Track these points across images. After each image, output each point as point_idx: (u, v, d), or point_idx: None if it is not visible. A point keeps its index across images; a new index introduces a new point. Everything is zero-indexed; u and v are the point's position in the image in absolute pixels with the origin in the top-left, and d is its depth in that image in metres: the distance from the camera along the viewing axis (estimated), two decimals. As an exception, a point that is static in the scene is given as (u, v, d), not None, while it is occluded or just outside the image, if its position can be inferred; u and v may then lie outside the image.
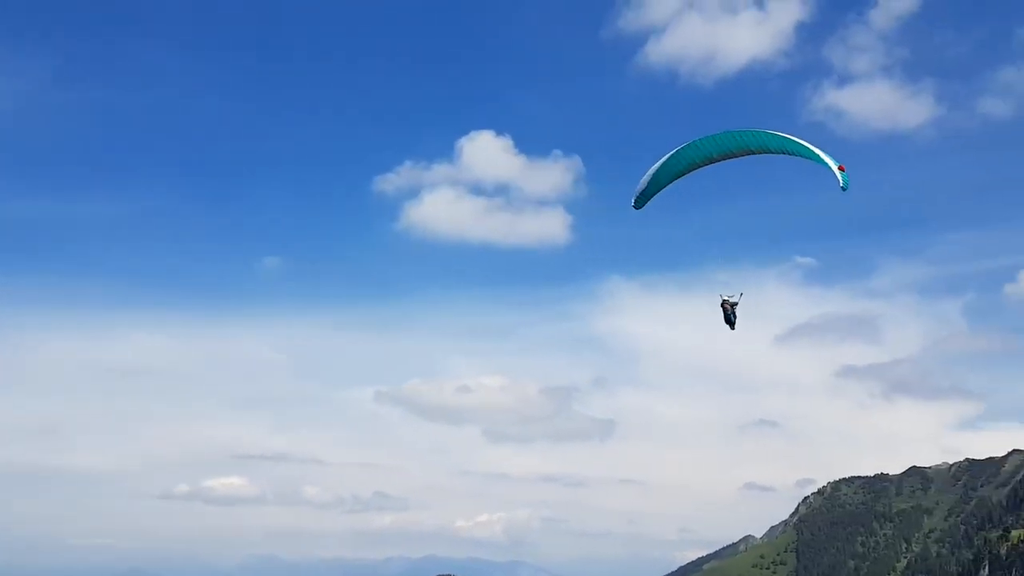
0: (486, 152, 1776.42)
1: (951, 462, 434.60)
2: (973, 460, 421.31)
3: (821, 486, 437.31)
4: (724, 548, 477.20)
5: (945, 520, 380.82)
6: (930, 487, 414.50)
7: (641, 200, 49.79)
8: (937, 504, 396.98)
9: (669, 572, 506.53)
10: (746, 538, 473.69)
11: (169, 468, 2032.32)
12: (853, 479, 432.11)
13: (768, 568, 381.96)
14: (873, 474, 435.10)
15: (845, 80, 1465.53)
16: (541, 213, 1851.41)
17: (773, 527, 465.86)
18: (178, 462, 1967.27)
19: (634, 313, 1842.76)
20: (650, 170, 48.62)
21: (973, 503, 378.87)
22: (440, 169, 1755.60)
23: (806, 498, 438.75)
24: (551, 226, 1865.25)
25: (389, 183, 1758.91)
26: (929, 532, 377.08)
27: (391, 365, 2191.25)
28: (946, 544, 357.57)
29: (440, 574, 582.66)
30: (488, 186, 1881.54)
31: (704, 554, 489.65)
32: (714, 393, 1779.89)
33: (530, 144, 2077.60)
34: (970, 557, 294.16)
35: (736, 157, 47.07)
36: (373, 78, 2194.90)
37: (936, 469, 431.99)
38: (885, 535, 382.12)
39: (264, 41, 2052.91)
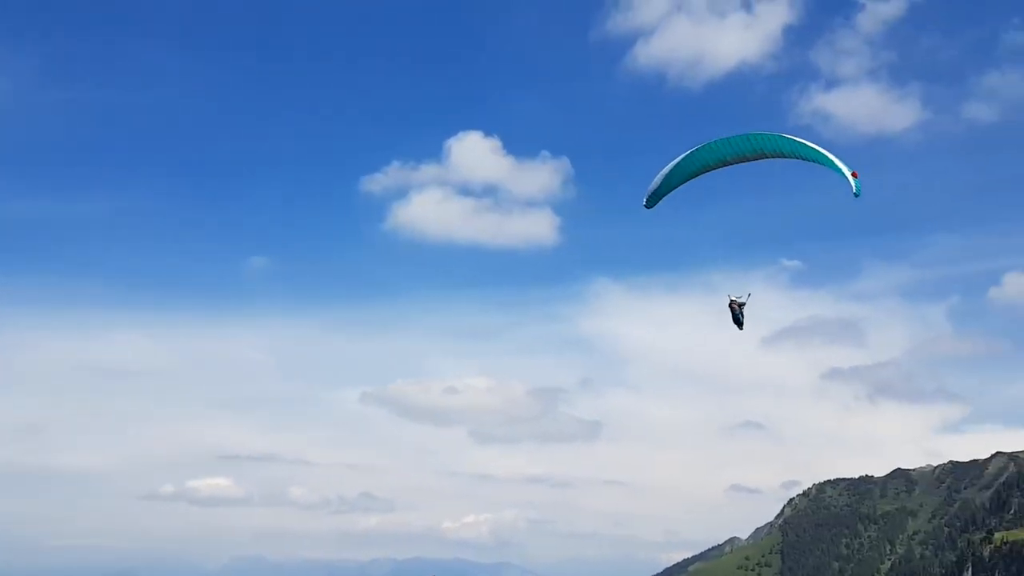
0: (474, 153, 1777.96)
1: (935, 464, 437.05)
2: (957, 462, 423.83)
3: (806, 488, 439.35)
4: (710, 550, 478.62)
5: (929, 522, 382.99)
6: (914, 489, 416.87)
7: (653, 199, 49.80)
8: (921, 506, 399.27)
9: (655, 574, 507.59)
10: (731, 539, 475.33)
11: (154, 468, 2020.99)
12: (838, 481, 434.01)
13: (753, 570, 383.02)
14: (858, 476, 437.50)
15: (832, 83, 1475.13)
16: (529, 214, 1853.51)
17: (758, 529, 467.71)
18: (163, 462, 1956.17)
19: (621, 315, 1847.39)
20: (663, 170, 48.63)
21: (957, 505, 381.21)
22: (428, 169, 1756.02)
23: (791, 500, 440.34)
24: (539, 227, 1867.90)
25: (377, 183, 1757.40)
26: (913, 534, 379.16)
27: (378, 366, 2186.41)
28: (930, 546, 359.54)
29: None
30: (476, 187, 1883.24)
31: (690, 555, 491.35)
32: (700, 395, 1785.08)
33: (518, 145, 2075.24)
34: (953, 559, 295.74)
35: (749, 161, 46.99)
36: (361, 78, 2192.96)
37: (920, 471, 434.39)
38: (869, 537, 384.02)
39: (253, 41, 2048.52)
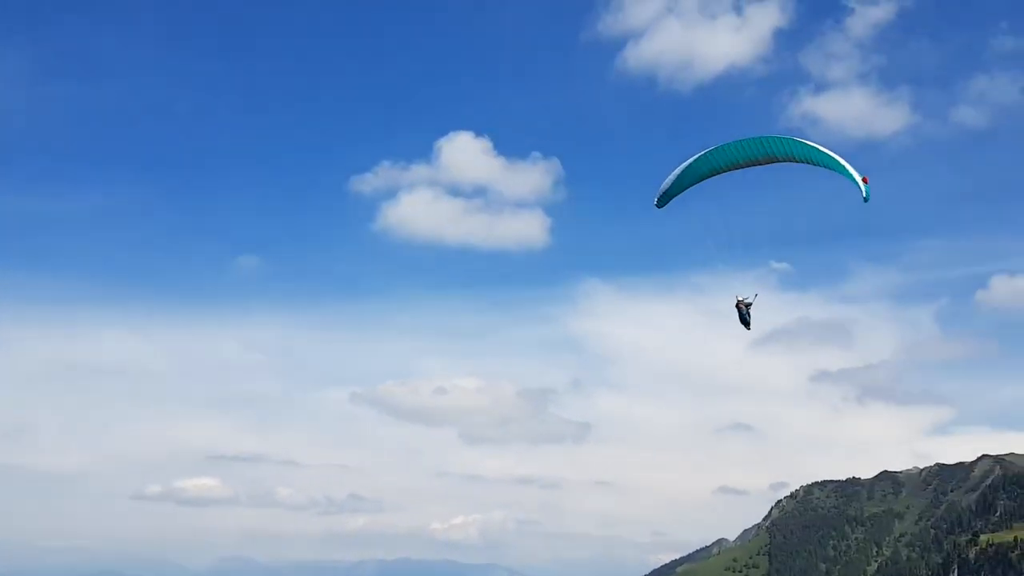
0: (465, 153, 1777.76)
1: (922, 467, 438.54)
2: (943, 465, 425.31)
3: (794, 490, 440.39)
4: (697, 551, 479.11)
5: (916, 524, 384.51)
6: (901, 491, 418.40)
7: (664, 199, 50.13)
8: (908, 508, 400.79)
9: (643, 575, 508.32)
10: (719, 541, 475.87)
11: (141, 468, 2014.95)
12: (825, 483, 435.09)
13: (740, 571, 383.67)
14: (845, 478, 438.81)
15: (822, 87, 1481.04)
16: (519, 215, 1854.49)
17: (746, 530, 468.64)
18: (150, 462, 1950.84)
19: (611, 316, 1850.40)
20: (676, 170, 48.87)
21: (943, 507, 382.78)
22: (418, 170, 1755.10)
23: (779, 501, 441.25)
24: (529, 228, 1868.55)
25: (367, 183, 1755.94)
26: (900, 536, 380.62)
27: (367, 366, 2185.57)
28: (916, 548, 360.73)
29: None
30: (466, 187, 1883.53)
31: (677, 556, 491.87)
32: (689, 396, 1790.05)
33: (509, 146, 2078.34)
34: (939, 561, 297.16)
35: (760, 164, 47.24)
36: (351, 77, 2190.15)
37: (907, 474, 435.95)
38: (856, 539, 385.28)
39: (243, 39, 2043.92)
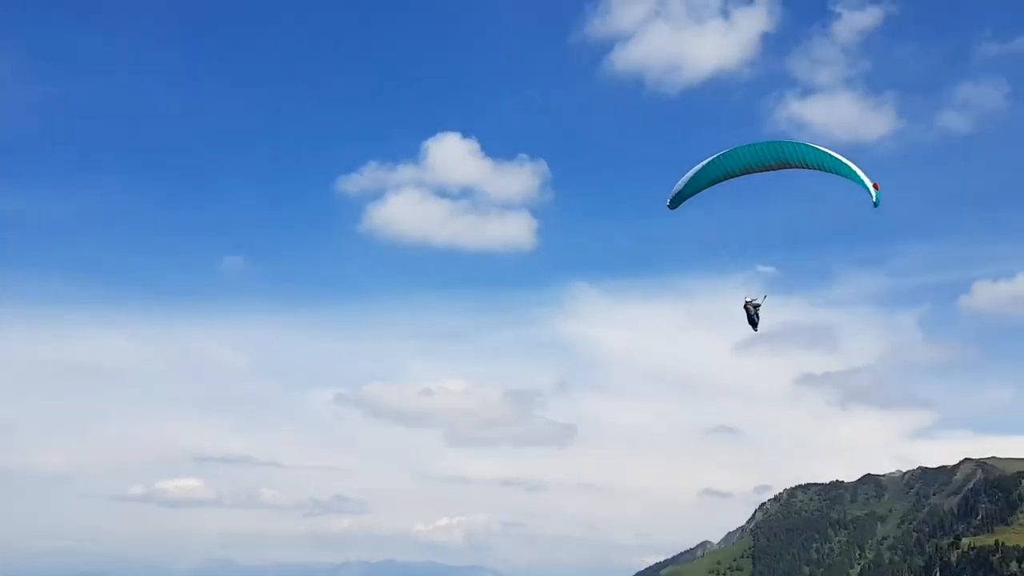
0: (452, 154, 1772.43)
1: (904, 470, 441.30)
2: (926, 468, 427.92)
3: (778, 493, 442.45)
4: (682, 554, 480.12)
5: (898, 527, 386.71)
6: (884, 495, 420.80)
7: (676, 201, 50.71)
8: (890, 511, 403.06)
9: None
10: (703, 543, 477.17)
11: (123, 469, 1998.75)
12: (809, 486, 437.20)
13: (724, 574, 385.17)
14: (828, 481, 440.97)
15: (808, 91, 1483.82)
16: (507, 217, 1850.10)
17: (730, 533, 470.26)
18: (133, 463, 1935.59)
19: (597, 318, 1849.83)
20: (688, 173, 49.48)
21: (925, 511, 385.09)
22: (405, 170, 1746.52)
23: (763, 504, 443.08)
24: (516, 230, 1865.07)
25: (353, 183, 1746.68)
26: (882, 539, 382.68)
27: (352, 367, 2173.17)
28: (898, 551, 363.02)
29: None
30: (454, 188, 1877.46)
31: (662, 559, 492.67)
32: (675, 399, 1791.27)
33: (497, 147, 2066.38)
34: (921, 564, 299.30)
35: (772, 170, 47.94)
36: (338, 77, 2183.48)
37: (890, 477, 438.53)
38: (839, 542, 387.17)
39: (230, 38, 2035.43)
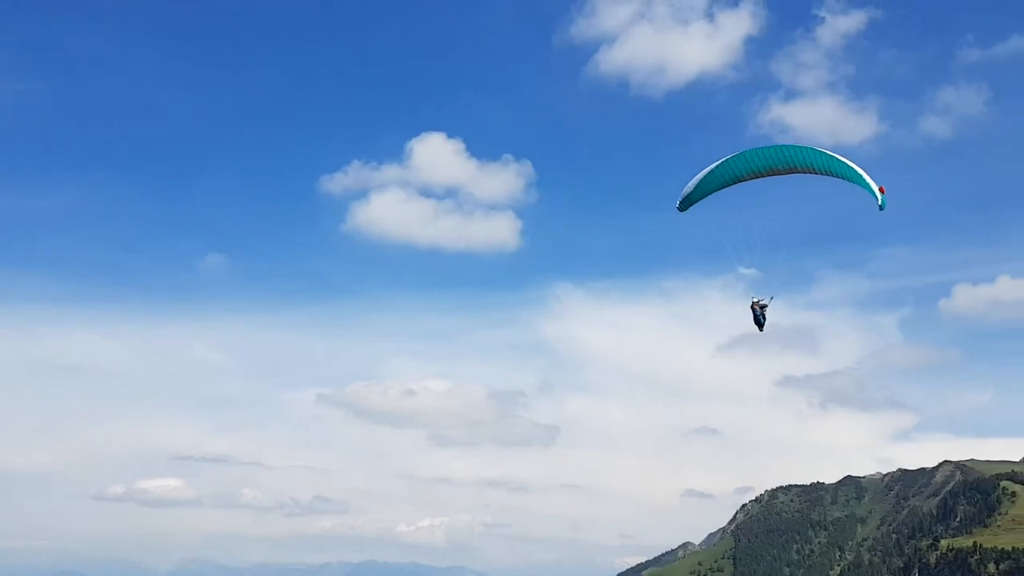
0: (437, 154, 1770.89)
1: (884, 472, 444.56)
2: (905, 470, 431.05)
3: (759, 494, 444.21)
4: (663, 554, 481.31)
5: (878, 529, 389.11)
6: (864, 496, 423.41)
7: (685, 203, 51.19)
8: (870, 513, 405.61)
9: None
10: (685, 544, 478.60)
11: (103, 468, 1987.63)
12: (790, 487, 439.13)
13: (705, 575, 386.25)
14: (809, 483, 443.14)
15: (791, 95, 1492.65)
16: (491, 217, 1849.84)
17: (711, 534, 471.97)
18: (113, 462, 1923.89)
19: (582, 319, 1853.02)
20: (698, 176, 49.93)
21: (905, 512, 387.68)
22: (389, 170, 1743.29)
23: (744, 505, 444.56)
24: (501, 230, 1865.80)
25: (337, 182, 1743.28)
26: (862, 540, 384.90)
27: (335, 367, 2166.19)
28: (878, 552, 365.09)
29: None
30: (438, 188, 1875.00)
31: (643, 560, 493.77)
32: (658, 400, 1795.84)
33: (482, 147, 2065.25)
34: (901, 565, 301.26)
35: (780, 174, 48.48)
36: (323, 74, 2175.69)
37: (870, 479, 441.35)
38: (820, 543, 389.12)
39: (212, 34, 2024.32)
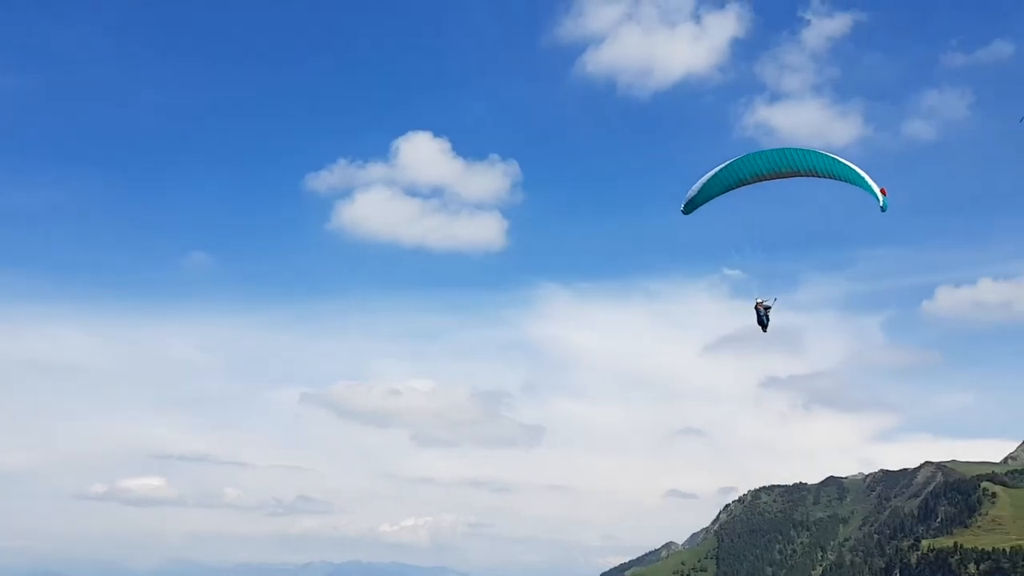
0: (423, 153, 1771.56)
1: (866, 473, 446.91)
2: (887, 471, 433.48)
3: (742, 494, 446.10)
4: (647, 554, 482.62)
5: (859, 529, 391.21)
6: (846, 497, 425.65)
7: (690, 207, 51.18)
8: (852, 513, 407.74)
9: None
10: (668, 544, 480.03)
11: (85, 467, 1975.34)
12: (772, 488, 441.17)
13: (688, 575, 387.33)
14: (792, 483, 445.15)
15: (776, 97, 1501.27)
16: (477, 217, 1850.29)
17: (695, 534, 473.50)
18: (94, 461, 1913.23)
19: (566, 320, 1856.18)
20: (702, 179, 49.90)
21: (887, 513, 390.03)
22: (375, 168, 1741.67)
23: (727, 506, 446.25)
24: (487, 230, 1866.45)
25: (322, 181, 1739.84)
26: (844, 541, 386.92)
27: (319, 366, 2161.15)
28: (860, 552, 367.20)
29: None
30: (424, 188, 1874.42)
31: (627, 560, 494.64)
32: (642, 401, 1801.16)
33: (468, 147, 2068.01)
34: (882, 565, 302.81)
35: (783, 177, 48.61)
36: (309, 72, 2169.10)
37: (852, 479, 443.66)
38: (802, 543, 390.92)
39: (197, 31, 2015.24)
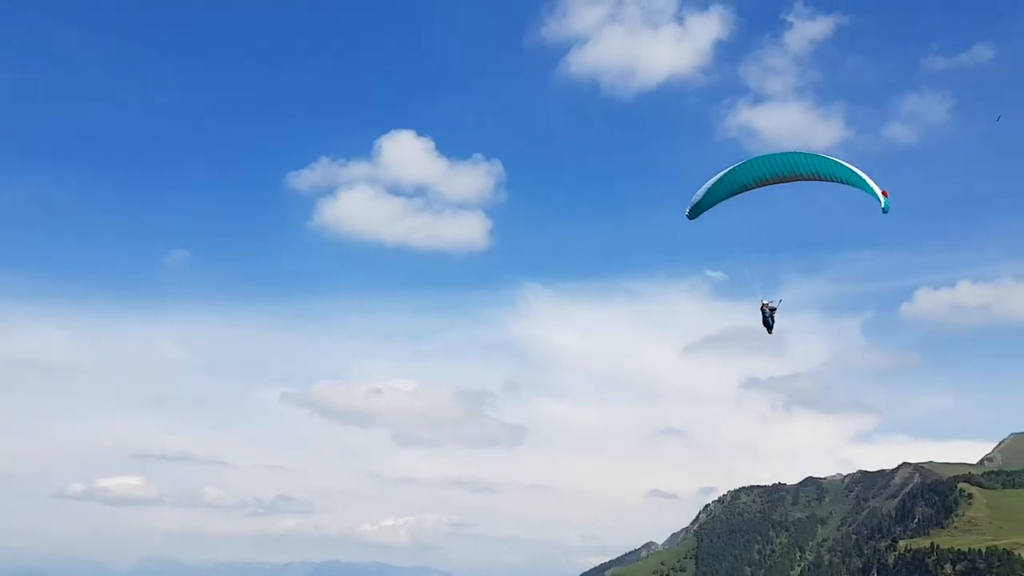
0: (407, 152, 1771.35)
1: (845, 473, 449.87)
2: (865, 472, 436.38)
3: (722, 494, 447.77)
4: (627, 554, 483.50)
5: (838, 529, 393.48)
6: (824, 497, 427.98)
7: (695, 212, 51.42)
8: (831, 514, 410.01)
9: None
10: (648, 544, 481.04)
11: (63, 466, 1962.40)
12: (752, 488, 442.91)
13: (668, 575, 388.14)
14: (771, 484, 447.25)
15: (759, 99, 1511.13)
16: (460, 216, 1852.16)
17: (675, 534, 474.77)
18: (73, 460, 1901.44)
19: (549, 320, 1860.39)
20: (707, 184, 50.19)
21: (865, 513, 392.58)
22: (358, 167, 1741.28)
23: (707, 506, 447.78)
24: (470, 230, 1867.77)
25: (304, 179, 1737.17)
26: (822, 541, 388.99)
27: (300, 366, 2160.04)
28: (838, 553, 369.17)
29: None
30: (407, 187, 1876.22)
31: (607, 560, 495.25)
32: (624, 401, 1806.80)
33: (452, 146, 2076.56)
34: (860, 566, 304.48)
35: (787, 181, 49.01)
36: (292, 70, 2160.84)
37: (831, 480, 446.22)
38: (781, 543, 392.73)
39: (180, 29, 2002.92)
